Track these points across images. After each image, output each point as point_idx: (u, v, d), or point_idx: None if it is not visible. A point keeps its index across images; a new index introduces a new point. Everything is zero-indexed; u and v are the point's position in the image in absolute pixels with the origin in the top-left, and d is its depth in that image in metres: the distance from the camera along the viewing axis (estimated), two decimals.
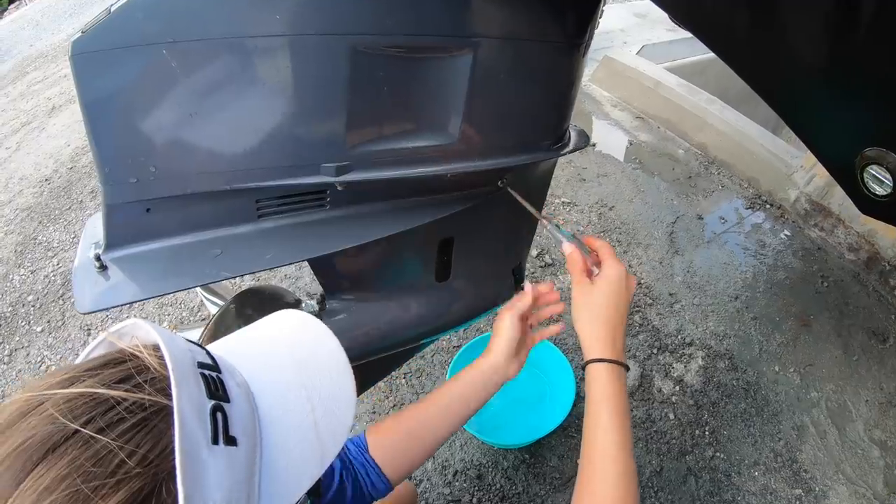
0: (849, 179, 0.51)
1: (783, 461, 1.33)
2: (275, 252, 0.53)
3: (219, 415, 0.30)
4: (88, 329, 1.69)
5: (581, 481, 0.51)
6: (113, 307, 0.50)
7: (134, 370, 0.30)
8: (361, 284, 0.73)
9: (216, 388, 0.32)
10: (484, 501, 1.23)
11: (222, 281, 0.70)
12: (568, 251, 0.62)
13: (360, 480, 0.61)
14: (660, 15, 3.39)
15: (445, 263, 0.77)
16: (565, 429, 1.34)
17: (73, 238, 2.07)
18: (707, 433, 1.37)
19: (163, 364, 0.30)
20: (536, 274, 1.76)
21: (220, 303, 0.81)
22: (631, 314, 1.63)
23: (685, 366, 1.52)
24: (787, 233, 1.98)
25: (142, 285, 0.50)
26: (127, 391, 0.29)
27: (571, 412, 1.25)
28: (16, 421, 0.27)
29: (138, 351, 0.31)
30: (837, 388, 1.49)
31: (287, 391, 0.37)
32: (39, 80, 3.40)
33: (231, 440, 0.30)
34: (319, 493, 0.56)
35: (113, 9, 0.39)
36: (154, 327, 0.32)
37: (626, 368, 0.56)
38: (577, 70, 0.64)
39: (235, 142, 0.48)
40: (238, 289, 0.83)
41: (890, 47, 0.39)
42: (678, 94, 2.47)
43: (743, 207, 2.10)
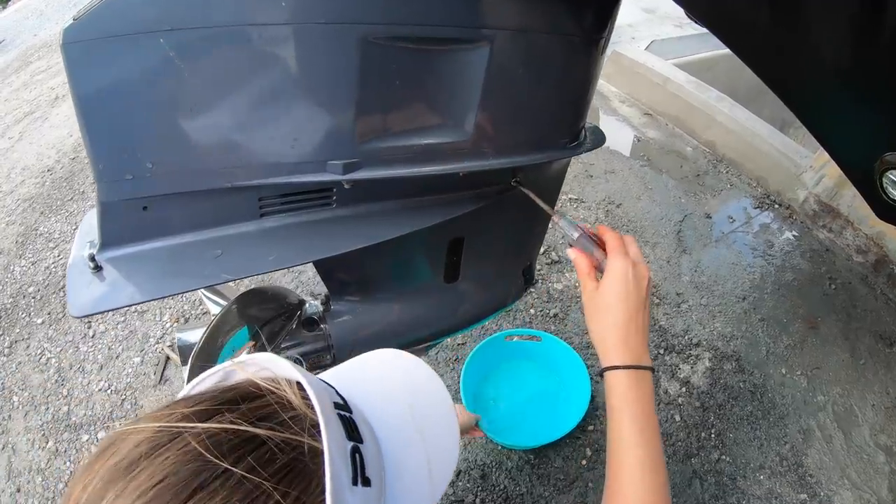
0: (867, 184, 0.49)
1: (789, 465, 1.32)
2: (278, 253, 0.51)
3: (357, 456, 0.30)
4: (89, 322, 1.67)
5: (607, 496, 0.48)
6: (108, 311, 0.47)
7: (276, 406, 0.29)
8: (368, 285, 0.71)
9: (352, 430, 0.31)
10: (487, 502, 1.22)
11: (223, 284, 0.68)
12: (572, 256, 0.58)
13: None
14: (668, 10, 3.33)
15: (455, 264, 0.75)
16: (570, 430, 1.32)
17: (75, 229, 2.05)
18: (713, 436, 1.35)
19: (304, 401, 0.30)
20: (543, 272, 1.74)
21: (222, 302, 0.79)
22: None
23: (692, 367, 1.50)
24: (796, 233, 1.95)
25: (138, 287, 0.48)
26: (272, 429, 0.28)
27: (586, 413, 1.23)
28: (148, 454, 0.26)
29: (276, 386, 0.30)
30: (844, 392, 1.47)
31: (405, 434, 0.37)
32: (43, 70, 3.36)
33: (367, 481, 0.30)
34: None
35: None
36: (291, 364, 0.31)
37: (650, 370, 0.51)
38: (596, 66, 0.61)
39: (237, 137, 0.45)
40: (240, 288, 0.81)
41: None
42: (687, 91, 2.43)
43: (751, 207, 2.07)
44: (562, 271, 1.74)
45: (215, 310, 0.81)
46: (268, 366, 0.32)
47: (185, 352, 0.70)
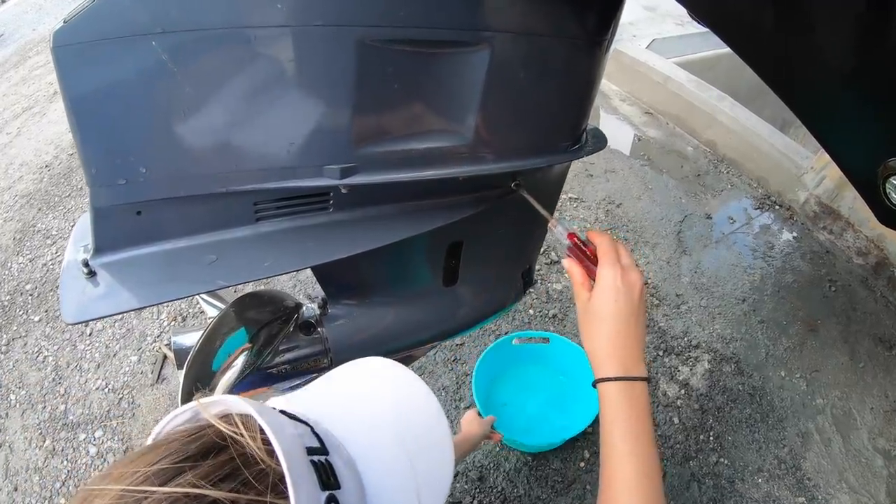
0: (869, 188, 0.49)
1: (787, 468, 1.32)
2: (274, 259, 0.50)
3: None
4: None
5: None
6: (102, 317, 0.47)
7: (240, 461, 0.28)
8: (365, 289, 0.71)
9: (327, 477, 0.30)
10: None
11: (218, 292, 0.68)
12: (566, 265, 0.58)
13: None
14: (669, 8, 3.31)
15: (453, 267, 0.74)
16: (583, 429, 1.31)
17: (72, 226, 2.04)
18: (712, 438, 1.35)
19: (270, 452, 0.28)
20: (542, 272, 1.73)
21: (220, 305, 0.78)
22: None
23: (691, 369, 1.50)
24: (796, 235, 1.95)
25: (133, 293, 0.47)
26: (236, 491, 0.26)
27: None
28: None
29: (238, 434, 0.28)
30: (843, 395, 1.47)
31: (392, 465, 0.35)
32: (41, 65, 3.34)
33: None
34: None
35: None
36: (254, 406, 0.29)
37: (644, 380, 0.51)
38: (599, 68, 0.60)
39: (231, 141, 0.44)
40: (237, 292, 0.80)
41: None
42: (688, 90, 2.42)
43: (752, 208, 2.06)
44: (561, 272, 1.74)
45: (212, 313, 0.80)
46: (232, 408, 0.30)
47: (181, 355, 0.69)
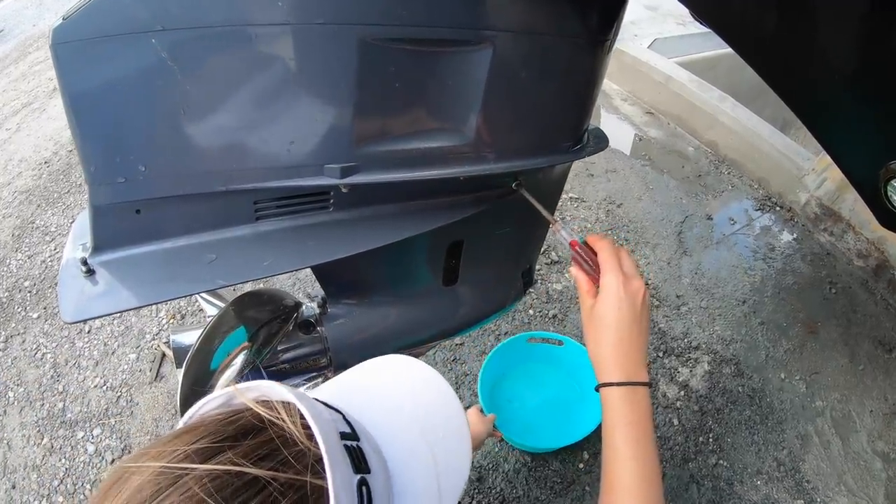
0: (870, 191, 0.49)
1: (786, 470, 1.32)
2: (273, 258, 0.50)
3: (364, 489, 0.30)
4: None
5: None
6: (101, 316, 0.46)
7: (279, 441, 0.28)
8: (365, 289, 0.70)
9: (359, 461, 0.31)
10: None
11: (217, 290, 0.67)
12: (573, 272, 0.59)
13: None
14: (671, 8, 3.30)
15: (454, 267, 0.74)
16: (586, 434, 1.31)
17: (72, 222, 2.03)
18: (711, 440, 1.35)
19: (307, 435, 0.29)
20: (542, 272, 1.73)
21: (219, 304, 0.78)
22: None
23: (691, 370, 1.50)
24: (797, 236, 1.95)
25: (132, 292, 0.47)
26: (275, 469, 0.27)
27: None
28: (153, 497, 0.25)
29: (277, 417, 0.29)
30: (842, 398, 1.47)
31: (414, 452, 0.36)
32: (41, 61, 3.33)
33: None
34: None
35: None
36: (293, 392, 0.30)
37: (646, 385, 0.52)
38: (601, 68, 0.60)
39: (231, 140, 0.44)
40: (236, 291, 0.80)
41: None
42: (689, 91, 2.41)
43: (752, 209, 2.06)
44: (561, 272, 1.73)
45: (211, 311, 0.80)
46: (269, 393, 0.31)
47: (180, 354, 0.69)
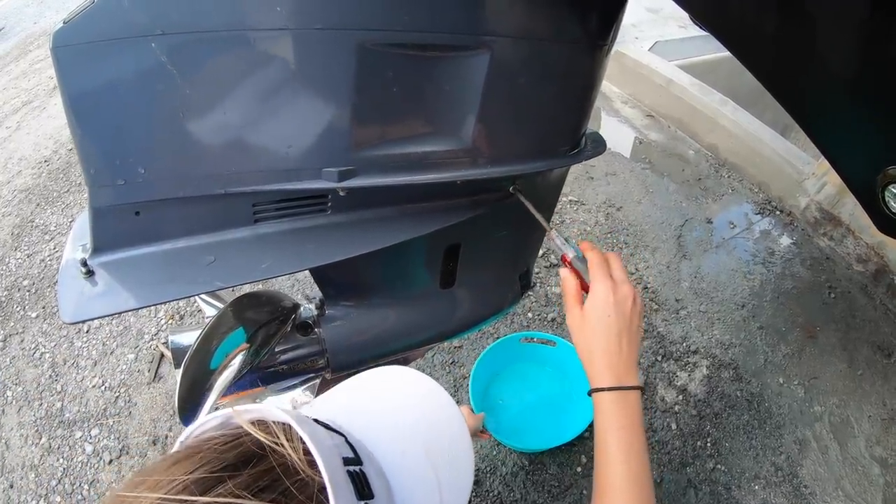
0: (868, 196, 0.49)
1: (784, 475, 1.31)
2: (271, 261, 0.50)
3: None
4: None
5: None
6: (100, 317, 0.47)
7: (280, 470, 0.27)
8: (363, 291, 0.70)
9: (362, 487, 0.30)
10: None
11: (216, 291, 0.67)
12: (563, 274, 0.60)
13: None
14: (672, 10, 3.31)
15: (451, 270, 0.74)
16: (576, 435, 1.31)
17: (71, 222, 2.04)
18: (709, 444, 1.35)
19: (309, 462, 0.28)
20: (541, 275, 1.73)
21: (219, 305, 0.78)
22: None
23: (689, 374, 1.50)
24: (796, 241, 1.95)
25: (132, 293, 0.47)
26: (277, 502, 0.26)
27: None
28: None
29: (277, 443, 0.28)
30: (841, 403, 1.47)
31: (417, 472, 0.36)
32: (42, 59, 3.34)
33: None
34: None
35: None
36: (293, 417, 0.29)
37: (637, 389, 0.53)
38: (599, 72, 0.60)
39: (230, 143, 0.44)
40: (235, 292, 0.80)
41: None
42: (690, 94, 2.42)
43: (752, 213, 2.06)
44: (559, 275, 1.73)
45: (210, 312, 0.80)
46: (268, 416, 0.30)
47: (179, 355, 0.69)
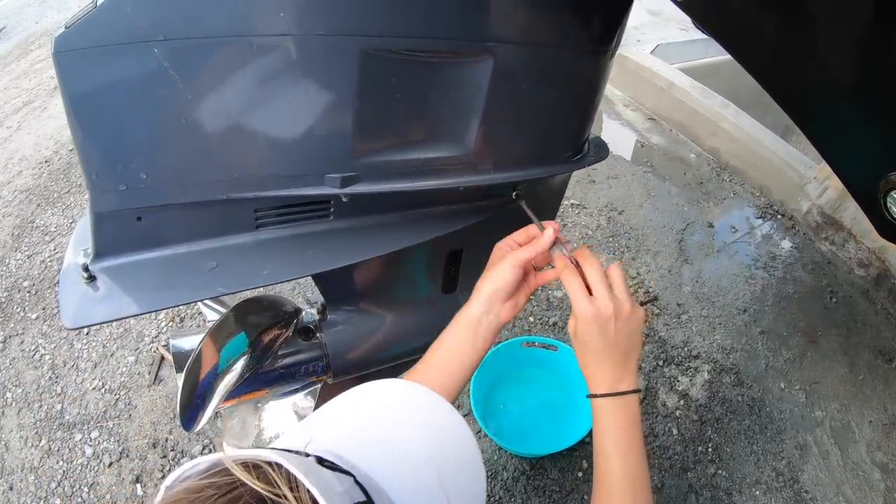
0: (870, 202, 0.49)
1: (784, 481, 1.31)
2: (273, 267, 0.50)
3: None
4: None
5: None
6: (101, 323, 0.46)
7: None
8: (364, 296, 0.70)
9: None
10: None
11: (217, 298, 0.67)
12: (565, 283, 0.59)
13: None
14: (673, 13, 3.31)
15: (453, 275, 0.74)
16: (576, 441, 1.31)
17: (72, 223, 2.03)
18: (710, 450, 1.35)
19: None
20: None
21: (221, 310, 0.77)
22: None
23: (691, 379, 1.49)
24: (798, 245, 1.94)
25: (133, 299, 0.47)
26: None
27: None
28: None
29: (277, 494, 0.26)
30: (842, 408, 1.46)
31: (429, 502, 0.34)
32: (43, 59, 3.34)
33: None
34: None
35: (100, 0, 0.35)
36: (295, 465, 0.27)
37: (635, 392, 0.54)
38: (603, 78, 0.60)
39: (232, 149, 0.44)
40: (237, 297, 0.80)
41: None
42: (692, 97, 2.42)
43: (754, 217, 2.06)
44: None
45: (212, 316, 0.80)
46: (263, 460, 0.27)
47: (181, 359, 0.69)
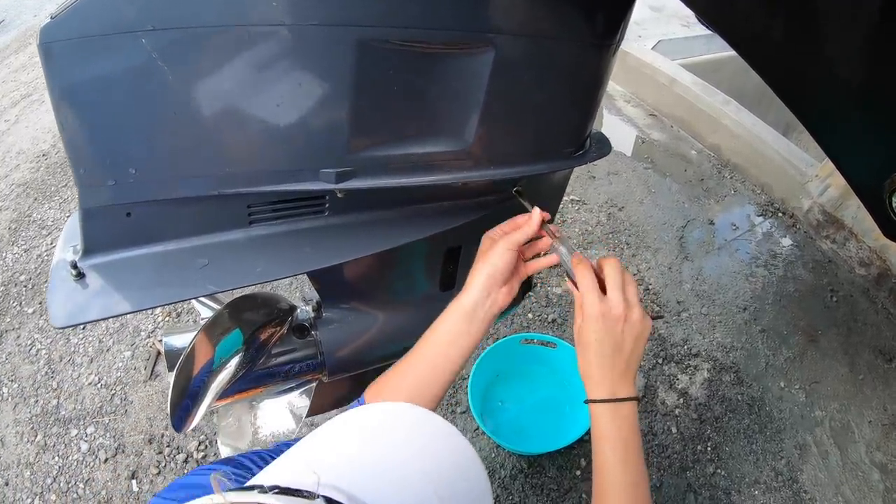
0: (876, 203, 0.49)
1: (784, 480, 1.31)
2: (267, 264, 0.49)
3: None
4: None
5: None
6: (91, 322, 0.45)
7: None
8: (361, 294, 0.69)
9: None
10: None
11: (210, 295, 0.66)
12: (570, 287, 0.59)
13: None
14: (675, 9, 3.28)
15: (451, 273, 0.73)
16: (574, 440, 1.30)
17: (68, 216, 2.02)
18: (709, 449, 1.34)
19: None
20: (542, 275, 1.72)
21: (214, 306, 0.76)
22: None
23: (690, 378, 1.49)
24: (799, 243, 1.93)
25: (123, 297, 0.46)
26: None
27: None
28: None
29: None
30: (842, 408, 1.46)
31: None
32: None
33: None
34: None
35: None
36: None
37: (633, 399, 0.54)
38: (606, 72, 0.58)
39: (223, 143, 0.43)
40: (232, 293, 0.79)
41: None
42: (693, 93, 2.40)
43: (755, 214, 2.05)
44: (561, 275, 1.72)
45: (205, 313, 0.79)
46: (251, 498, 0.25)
47: (173, 357, 0.68)
